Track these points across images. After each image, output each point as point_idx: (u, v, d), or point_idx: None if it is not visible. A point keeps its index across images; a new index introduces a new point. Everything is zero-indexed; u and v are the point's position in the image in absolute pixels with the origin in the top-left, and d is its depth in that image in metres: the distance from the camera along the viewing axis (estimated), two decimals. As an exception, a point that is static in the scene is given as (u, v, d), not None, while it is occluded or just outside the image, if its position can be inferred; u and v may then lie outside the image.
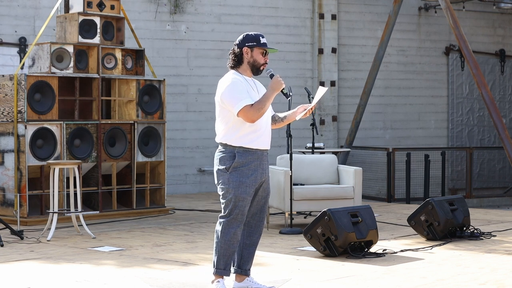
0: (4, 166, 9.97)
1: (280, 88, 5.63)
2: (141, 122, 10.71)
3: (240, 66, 5.76)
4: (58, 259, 7.37)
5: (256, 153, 5.68)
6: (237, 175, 5.63)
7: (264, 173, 5.75)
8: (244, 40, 5.74)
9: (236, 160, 5.63)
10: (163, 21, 14.24)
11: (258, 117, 5.58)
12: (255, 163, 5.67)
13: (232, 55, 5.76)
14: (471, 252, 7.65)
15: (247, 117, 5.56)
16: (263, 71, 5.79)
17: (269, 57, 5.80)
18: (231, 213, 5.66)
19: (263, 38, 5.76)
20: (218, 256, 5.72)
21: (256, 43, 5.71)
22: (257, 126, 5.66)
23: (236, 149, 5.65)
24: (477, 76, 12.97)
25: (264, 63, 5.74)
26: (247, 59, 5.73)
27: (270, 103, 5.63)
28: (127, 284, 6.26)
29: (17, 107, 9.82)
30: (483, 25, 17.16)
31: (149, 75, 11.64)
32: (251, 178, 5.65)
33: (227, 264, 5.74)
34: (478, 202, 15.41)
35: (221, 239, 5.68)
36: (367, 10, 15.95)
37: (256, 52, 5.72)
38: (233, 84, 5.62)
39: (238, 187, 5.62)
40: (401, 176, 14.20)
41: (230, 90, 5.61)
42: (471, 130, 17.05)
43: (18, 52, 13.15)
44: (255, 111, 5.55)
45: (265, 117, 5.73)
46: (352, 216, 7.47)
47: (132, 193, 10.69)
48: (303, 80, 15.31)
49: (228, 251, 5.70)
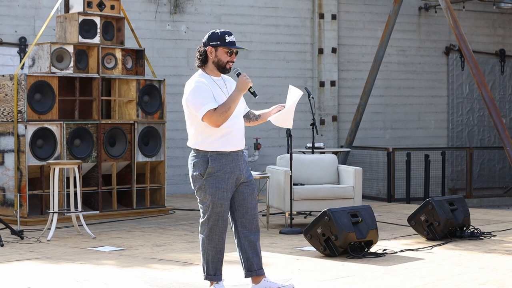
0: (4, 166, 9.97)
1: (247, 87, 5.45)
2: (141, 122, 10.71)
3: (206, 66, 5.59)
4: (58, 259, 7.37)
5: (230, 155, 5.55)
6: (213, 181, 5.50)
7: (242, 173, 5.61)
8: (209, 39, 5.57)
9: (210, 165, 5.49)
10: (163, 21, 14.24)
11: (223, 121, 5.40)
12: (230, 166, 5.54)
13: (198, 54, 5.60)
14: (471, 252, 7.65)
15: (211, 122, 5.40)
16: (231, 70, 5.60)
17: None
18: (210, 218, 5.56)
19: (230, 36, 5.55)
20: (207, 263, 5.64)
21: (220, 43, 5.53)
22: (227, 129, 5.50)
23: (209, 153, 5.51)
24: (477, 76, 12.97)
25: (228, 62, 5.55)
26: (212, 59, 5.56)
27: (236, 104, 5.44)
28: (127, 284, 6.26)
29: (17, 107, 9.82)
30: (483, 25, 17.16)
31: (149, 75, 11.64)
32: (228, 182, 5.53)
33: (217, 270, 5.66)
34: (478, 202, 15.42)
35: (208, 246, 5.60)
36: (367, 10, 15.95)
37: (221, 51, 5.54)
38: (196, 88, 5.45)
39: (215, 193, 5.51)
40: (401, 176, 14.20)
41: (193, 94, 5.44)
42: (471, 130, 17.05)
43: (18, 52, 13.15)
44: (219, 115, 5.37)
45: (236, 117, 5.55)
46: (352, 216, 7.47)
47: (132, 193, 10.70)
48: (303, 80, 15.30)
49: (216, 258, 5.63)
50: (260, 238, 5.80)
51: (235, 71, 5.59)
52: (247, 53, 14.83)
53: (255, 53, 14.88)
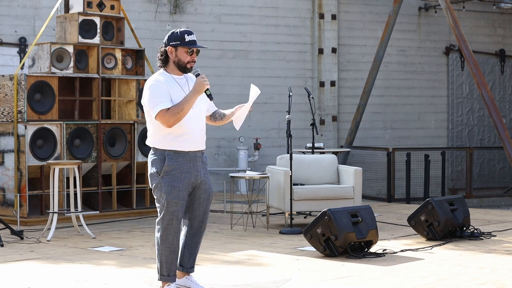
0: (4, 166, 9.97)
1: (203, 89, 5.40)
2: (141, 122, 10.71)
3: (168, 66, 5.56)
4: (58, 259, 7.37)
5: (188, 155, 5.52)
6: (168, 179, 5.49)
7: (199, 174, 5.59)
8: (169, 39, 5.53)
9: (166, 164, 5.48)
10: (163, 21, 14.24)
11: (175, 122, 5.35)
12: (187, 166, 5.52)
13: (159, 54, 5.57)
14: (471, 252, 7.65)
15: (163, 122, 5.36)
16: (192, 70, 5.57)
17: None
18: (164, 218, 5.53)
19: (190, 35, 5.50)
20: (160, 263, 5.61)
21: (180, 42, 5.48)
22: (185, 128, 5.47)
23: (166, 152, 5.50)
24: (477, 76, 12.97)
25: (188, 62, 5.53)
26: (172, 59, 5.53)
27: (190, 106, 5.37)
28: (127, 284, 6.26)
29: (17, 107, 9.82)
30: (483, 25, 17.16)
31: (149, 75, 11.61)
32: (183, 182, 5.50)
33: (171, 270, 5.61)
34: (478, 202, 15.42)
35: (161, 246, 5.57)
36: (367, 10, 15.95)
37: (181, 51, 5.50)
38: (153, 86, 5.43)
39: (170, 191, 5.48)
40: (401, 176, 14.20)
41: (149, 93, 5.42)
42: (471, 130, 17.05)
43: (18, 52, 13.16)
44: (171, 116, 5.33)
45: (196, 117, 5.53)
46: (352, 216, 7.46)
47: (132, 193, 10.69)
48: (303, 80, 15.31)
49: (170, 258, 5.59)
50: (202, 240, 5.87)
51: (195, 72, 5.54)
52: (247, 53, 14.84)
53: (255, 53, 14.88)
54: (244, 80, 14.56)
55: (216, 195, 13.33)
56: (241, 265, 7.06)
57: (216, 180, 14.16)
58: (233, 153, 14.81)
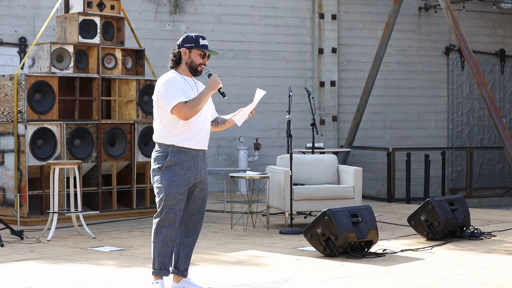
0: (4, 166, 9.97)
1: (217, 87, 5.63)
2: (141, 122, 10.71)
3: (179, 67, 5.76)
4: (58, 259, 7.37)
5: (190, 152, 5.65)
6: (169, 174, 5.61)
7: (199, 173, 5.71)
8: (184, 41, 5.79)
9: (169, 159, 5.61)
10: (163, 21, 14.24)
11: (192, 115, 5.56)
12: (189, 163, 5.64)
13: (171, 56, 5.78)
14: (471, 252, 7.66)
15: (180, 114, 5.55)
16: (202, 72, 5.78)
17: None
18: (162, 212, 5.63)
19: (204, 40, 5.80)
20: (153, 257, 5.69)
21: (194, 45, 5.75)
22: (192, 125, 5.64)
23: (170, 148, 5.63)
24: (477, 76, 12.97)
25: (200, 64, 5.74)
26: (185, 60, 5.74)
27: (205, 101, 5.61)
28: (127, 284, 6.27)
29: (17, 107, 9.82)
30: (483, 25, 17.17)
31: (149, 75, 11.64)
32: (183, 178, 5.62)
33: (163, 264, 5.68)
34: (478, 202, 15.42)
35: (155, 239, 5.66)
36: (367, 10, 15.95)
37: (194, 53, 5.74)
38: (169, 81, 5.63)
39: (169, 186, 5.59)
40: (401, 176, 14.20)
41: (165, 87, 5.61)
42: (471, 130, 17.05)
43: (18, 52, 13.16)
44: (189, 108, 5.53)
45: (203, 117, 5.71)
46: (352, 216, 7.46)
47: (132, 193, 10.69)
48: (303, 80, 15.31)
49: (163, 251, 5.65)
50: (197, 242, 5.90)
51: (206, 72, 5.77)
52: (247, 53, 14.84)
53: (255, 53, 14.88)
54: (244, 80, 14.56)
55: (216, 195, 13.33)
56: (241, 265, 7.07)
57: (216, 180, 14.17)
58: (233, 153, 14.81)
